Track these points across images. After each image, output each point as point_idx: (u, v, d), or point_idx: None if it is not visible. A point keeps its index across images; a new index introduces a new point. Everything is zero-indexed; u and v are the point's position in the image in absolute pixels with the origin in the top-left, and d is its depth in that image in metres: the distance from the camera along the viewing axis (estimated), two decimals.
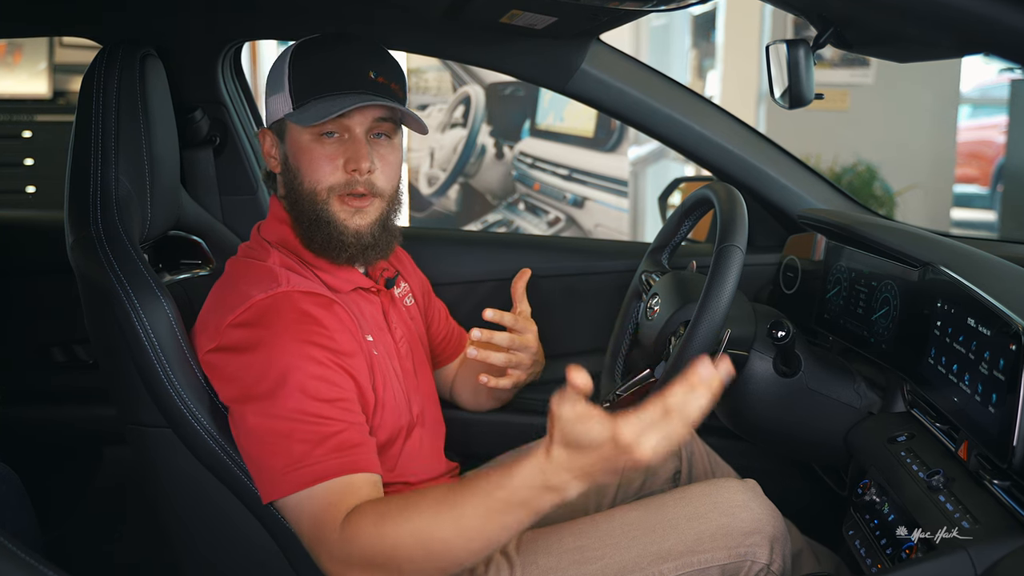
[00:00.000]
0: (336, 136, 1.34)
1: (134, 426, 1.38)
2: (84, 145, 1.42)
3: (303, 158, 1.35)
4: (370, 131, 1.35)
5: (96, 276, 1.34)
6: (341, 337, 1.29)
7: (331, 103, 1.31)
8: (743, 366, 1.44)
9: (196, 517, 1.42)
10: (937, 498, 1.16)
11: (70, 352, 2.09)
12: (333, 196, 1.34)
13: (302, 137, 1.35)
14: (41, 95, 3.95)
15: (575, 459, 1.03)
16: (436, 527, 1.11)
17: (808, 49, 1.38)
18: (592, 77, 1.79)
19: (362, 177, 1.34)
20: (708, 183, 1.55)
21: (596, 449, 1.02)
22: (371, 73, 1.34)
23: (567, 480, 1.05)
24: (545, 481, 1.05)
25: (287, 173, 1.38)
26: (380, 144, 1.37)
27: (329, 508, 1.17)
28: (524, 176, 4.35)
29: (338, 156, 1.34)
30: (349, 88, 1.33)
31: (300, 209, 1.36)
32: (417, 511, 1.12)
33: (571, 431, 1.02)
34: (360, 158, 1.33)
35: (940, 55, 1.38)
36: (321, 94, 1.33)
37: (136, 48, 1.50)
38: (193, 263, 1.70)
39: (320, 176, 1.34)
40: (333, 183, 1.34)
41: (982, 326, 1.14)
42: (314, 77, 1.34)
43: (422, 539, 1.11)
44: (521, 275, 1.52)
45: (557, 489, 1.06)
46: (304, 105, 1.33)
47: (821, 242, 1.69)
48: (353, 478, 1.20)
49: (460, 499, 1.10)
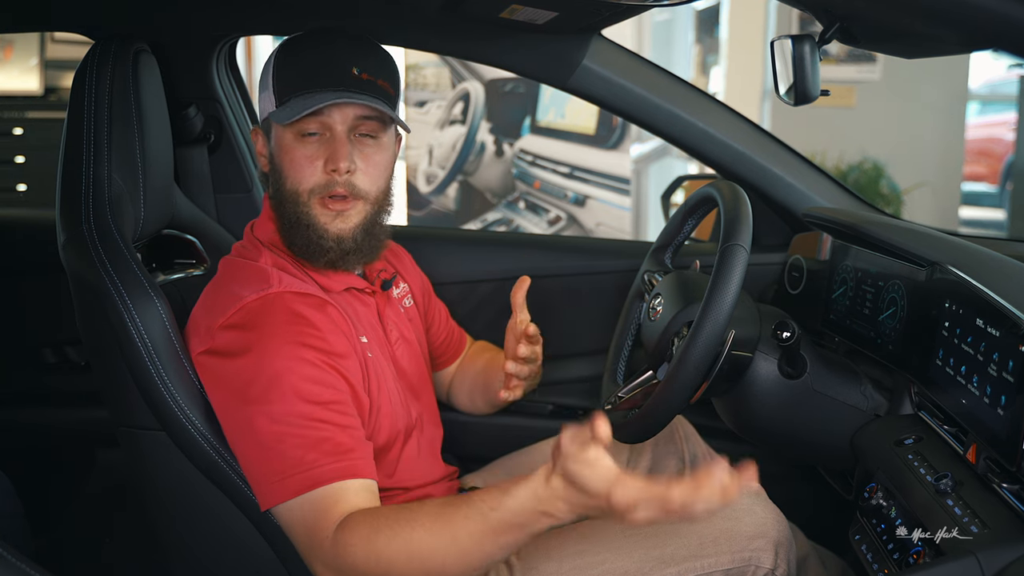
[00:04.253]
0: (318, 136, 1.32)
1: (127, 429, 1.38)
2: (76, 142, 1.40)
3: (285, 158, 1.34)
4: (353, 130, 1.33)
5: (88, 276, 1.33)
6: (334, 338, 1.28)
7: (310, 100, 1.29)
8: (747, 368, 1.43)
9: (190, 521, 1.41)
10: (945, 502, 1.15)
11: (61, 353, 2.09)
12: (314, 198, 1.32)
13: (285, 136, 1.33)
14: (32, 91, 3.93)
15: (571, 494, 1.04)
16: (431, 544, 1.10)
17: (814, 45, 1.37)
18: (594, 73, 1.78)
19: (341, 178, 1.31)
20: (712, 181, 1.54)
21: (591, 496, 1.02)
22: (355, 69, 1.32)
23: (562, 508, 1.06)
24: (540, 506, 1.06)
25: (273, 173, 1.37)
26: (364, 144, 1.34)
27: (322, 515, 1.16)
28: (524, 174, 4.34)
29: (319, 156, 1.32)
30: (329, 85, 1.30)
31: (283, 210, 1.35)
32: (411, 526, 1.11)
33: (574, 471, 1.02)
34: (338, 158, 1.30)
35: (948, 51, 1.38)
36: (300, 91, 1.30)
37: (129, 43, 1.49)
38: (187, 262, 1.69)
39: (301, 177, 1.32)
40: (313, 184, 1.32)
41: (991, 327, 1.14)
42: (297, 74, 1.32)
43: (416, 555, 1.10)
44: (520, 284, 1.47)
45: (552, 515, 1.06)
46: (285, 103, 1.32)
47: (827, 241, 1.68)
48: (347, 484, 1.18)
49: (456, 517, 1.10)
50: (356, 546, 1.12)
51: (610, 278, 1.94)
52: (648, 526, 1.03)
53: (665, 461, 1.62)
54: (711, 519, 1.32)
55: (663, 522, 1.01)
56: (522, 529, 1.08)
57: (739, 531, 1.31)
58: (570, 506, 1.05)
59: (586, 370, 1.93)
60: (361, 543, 1.12)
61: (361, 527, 1.13)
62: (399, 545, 1.10)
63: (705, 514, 1.00)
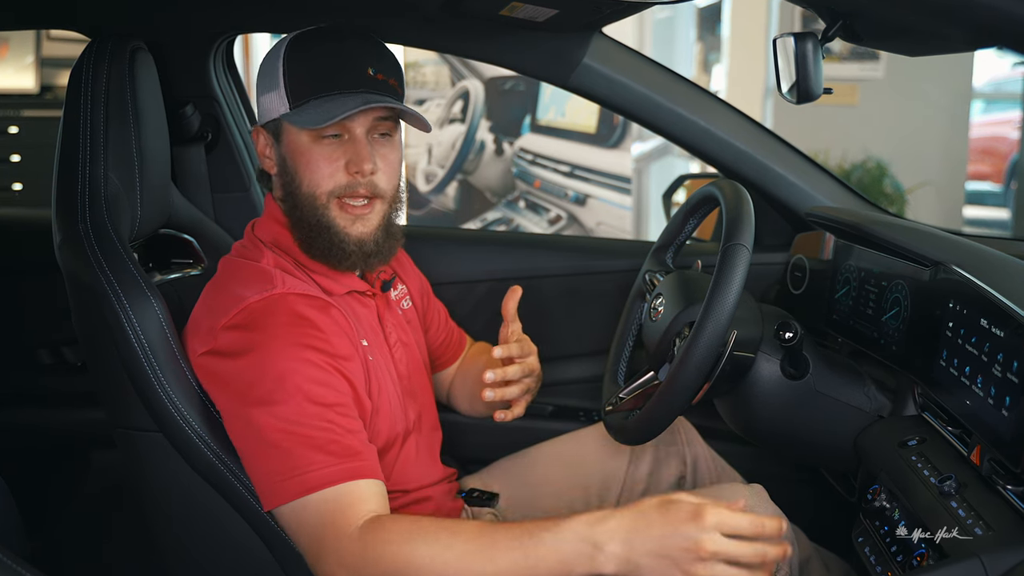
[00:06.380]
0: (336, 137, 1.31)
1: (123, 430, 1.37)
2: (72, 141, 1.40)
3: (301, 160, 1.32)
4: (371, 131, 1.32)
5: (84, 276, 1.32)
6: (337, 340, 1.27)
7: (332, 103, 1.28)
8: (749, 368, 1.42)
9: (187, 522, 1.41)
10: (949, 504, 1.14)
11: (58, 354, 2.09)
12: (333, 200, 1.31)
13: (300, 139, 1.31)
14: (28, 90, 3.89)
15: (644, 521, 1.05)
16: (467, 560, 1.08)
17: (816, 42, 1.37)
18: (595, 71, 1.78)
19: (364, 179, 1.31)
20: (713, 180, 1.53)
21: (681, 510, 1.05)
22: (370, 70, 1.31)
23: (616, 542, 1.05)
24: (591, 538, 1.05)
25: (284, 175, 1.35)
26: (381, 143, 1.34)
27: (341, 513, 1.15)
28: (524, 173, 4.33)
29: (338, 158, 1.31)
30: (349, 87, 1.29)
31: (299, 214, 1.33)
32: (452, 538, 1.10)
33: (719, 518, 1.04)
34: (363, 159, 1.30)
35: (952, 48, 1.37)
36: (320, 94, 1.29)
37: (126, 41, 1.48)
38: (184, 262, 1.68)
39: (320, 179, 1.31)
40: (334, 186, 1.31)
41: (995, 327, 1.14)
42: (312, 75, 1.31)
43: (450, 568, 1.09)
44: (511, 294, 1.46)
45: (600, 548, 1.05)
46: (302, 106, 1.30)
47: (830, 241, 1.68)
48: (360, 484, 1.18)
49: (497, 540, 1.08)
50: (389, 548, 1.10)
51: (611, 278, 1.94)
52: None
53: (666, 463, 1.61)
54: None
55: None
56: (562, 565, 1.06)
57: None
58: (626, 540, 1.04)
59: (587, 371, 1.93)
60: (395, 546, 1.10)
61: (398, 530, 1.12)
62: (433, 552, 1.09)
63: None
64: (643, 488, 1.60)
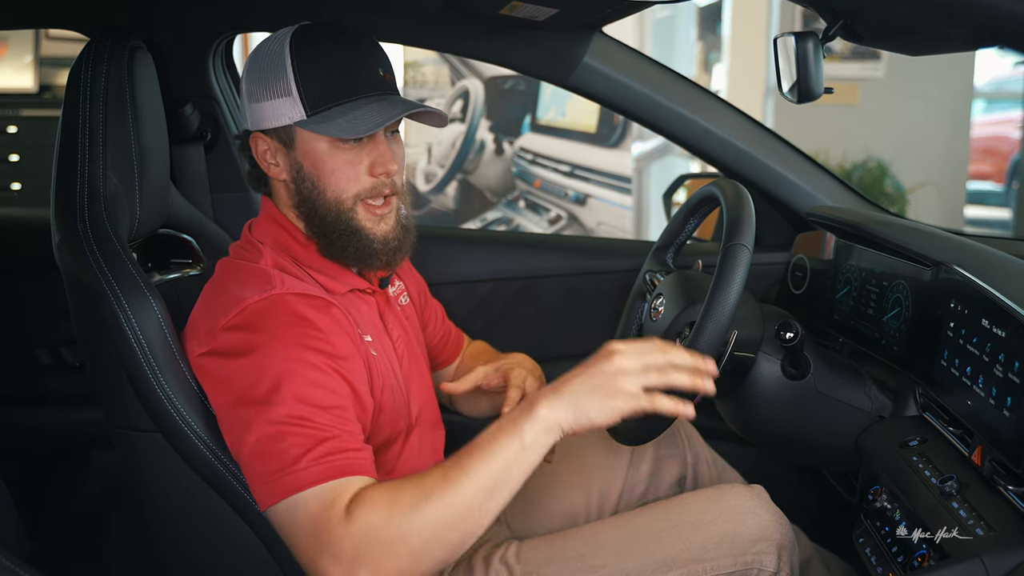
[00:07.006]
0: (356, 141, 1.30)
1: (122, 431, 1.36)
2: (71, 141, 1.39)
3: (324, 168, 1.30)
4: (386, 131, 1.33)
5: (83, 275, 1.31)
6: (337, 340, 1.26)
7: (360, 110, 1.27)
8: (750, 368, 1.43)
9: (186, 522, 1.40)
10: (950, 504, 1.15)
11: (56, 354, 2.09)
12: (359, 203, 1.31)
13: (318, 145, 1.30)
14: (27, 89, 3.89)
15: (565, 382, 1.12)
16: (444, 485, 1.10)
17: (817, 42, 1.37)
18: (595, 71, 1.78)
19: (388, 180, 1.32)
20: (714, 180, 1.53)
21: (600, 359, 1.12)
22: (380, 70, 1.31)
23: (547, 395, 1.12)
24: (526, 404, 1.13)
25: (301, 183, 1.33)
26: (393, 141, 1.34)
27: (330, 506, 1.13)
28: (524, 172, 4.33)
29: (360, 160, 1.30)
30: (367, 91, 1.29)
31: (324, 222, 1.32)
32: (422, 477, 1.12)
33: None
34: (388, 161, 1.30)
35: (953, 48, 1.37)
36: (341, 100, 1.28)
37: (124, 41, 1.47)
38: (183, 262, 1.68)
39: (345, 184, 1.30)
40: (359, 189, 1.31)
41: (997, 327, 1.14)
42: (331, 81, 1.29)
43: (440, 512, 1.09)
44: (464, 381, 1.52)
45: (535, 407, 1.12)
46: (322, 112, 1.28)
47: (831, 241, 1.68)
48: (353, 480, 1.16)
49: (462, 457, 1.12)
50: (377, 503, 1.10)
51: (611, 278, 1.94)
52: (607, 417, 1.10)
53: (667, 464, 1.61)
54: (713, 521, 1.32)
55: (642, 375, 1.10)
56: (514, 435, 1.10)
57: (741, 534, 1.30)
58: (557, 397, 1.11)
59: None
60: (382, 499, 1.10)
61: (382, 487, 1.13)
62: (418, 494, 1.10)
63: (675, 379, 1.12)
64: (643, 489, 1.60)
